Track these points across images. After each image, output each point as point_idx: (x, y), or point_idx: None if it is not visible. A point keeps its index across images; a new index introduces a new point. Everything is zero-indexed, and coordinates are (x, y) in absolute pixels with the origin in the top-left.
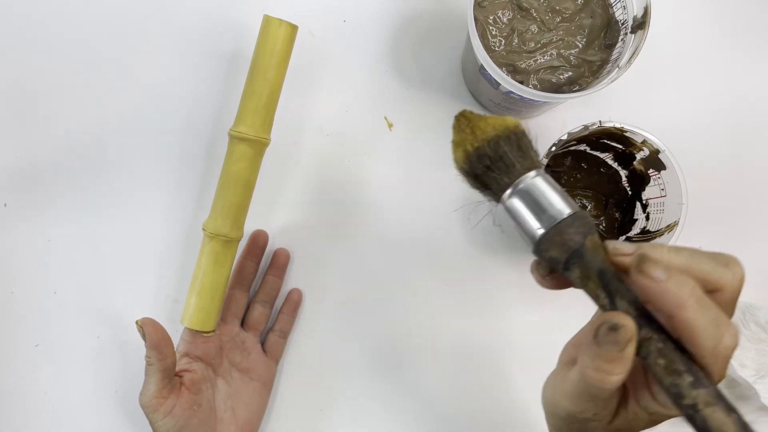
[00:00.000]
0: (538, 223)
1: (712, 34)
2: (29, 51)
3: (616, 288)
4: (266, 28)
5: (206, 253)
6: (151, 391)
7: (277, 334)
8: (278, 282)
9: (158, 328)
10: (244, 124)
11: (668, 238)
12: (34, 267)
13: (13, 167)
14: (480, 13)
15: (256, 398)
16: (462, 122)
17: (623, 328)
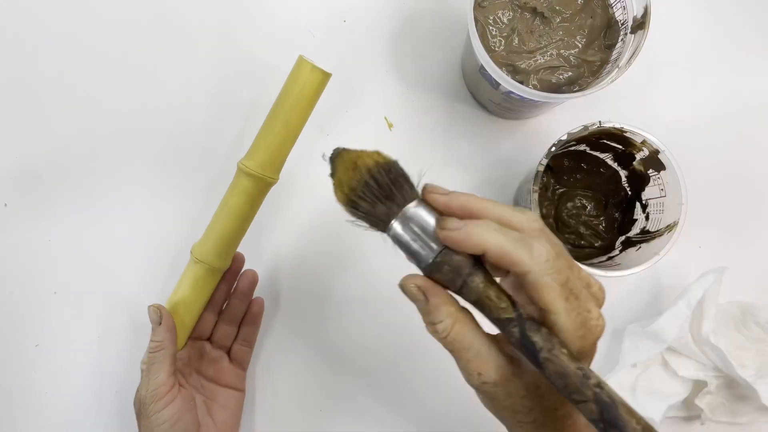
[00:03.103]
0: (428, 250)
1: (712, 34)
2: (30, 52)
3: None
4: (298, 69)
5: (188, 276)
6: (160, 379)
7: (241, 343)
8: (242, 306)
9: (169, 313)
10: (254, 160)
11: (668, 238)
12: (34, 267)
13: (13, 167)
14: (480, 14)
15: (231, 401)
16: (343, 158)
17: (405, 286)
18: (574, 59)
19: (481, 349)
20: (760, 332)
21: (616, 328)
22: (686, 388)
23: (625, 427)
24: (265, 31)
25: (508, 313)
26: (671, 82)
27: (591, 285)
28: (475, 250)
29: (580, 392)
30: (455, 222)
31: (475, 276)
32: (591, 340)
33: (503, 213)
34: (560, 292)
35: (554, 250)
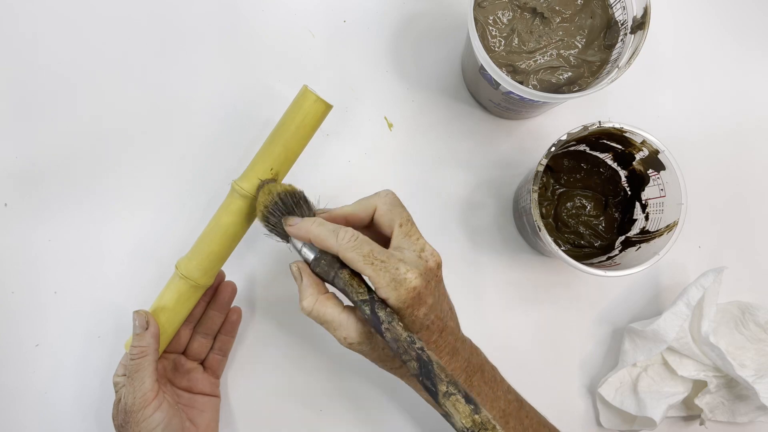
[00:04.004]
0: (313, 252)
1: (712, 34)
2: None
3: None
4: (301, 99)
5: (172, 289)
6: (147, 384)
7: (217, 352)
8: (220, 317)
9: (155, 319)
10: (249, 182)
11: (668, 238)
12: (34, 267)
13: (13, 167)
14: (480, 14)
15: (208, 406)
16: (263, 188)
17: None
18: (574, 59)
19: (341, 318)
20: (759, 332)
21: (616, 328)
22: (686, 387)
23: (435, 378)
24: (265, 31)
25: (364, 295)
26: (671, 82)
27: (423, 250)
28: (304, 238)
29: (407, 353)
30: (293, 219)
31: (343, 270)
32: (405, 289)
33: (346, 210)
34: (364, 261)
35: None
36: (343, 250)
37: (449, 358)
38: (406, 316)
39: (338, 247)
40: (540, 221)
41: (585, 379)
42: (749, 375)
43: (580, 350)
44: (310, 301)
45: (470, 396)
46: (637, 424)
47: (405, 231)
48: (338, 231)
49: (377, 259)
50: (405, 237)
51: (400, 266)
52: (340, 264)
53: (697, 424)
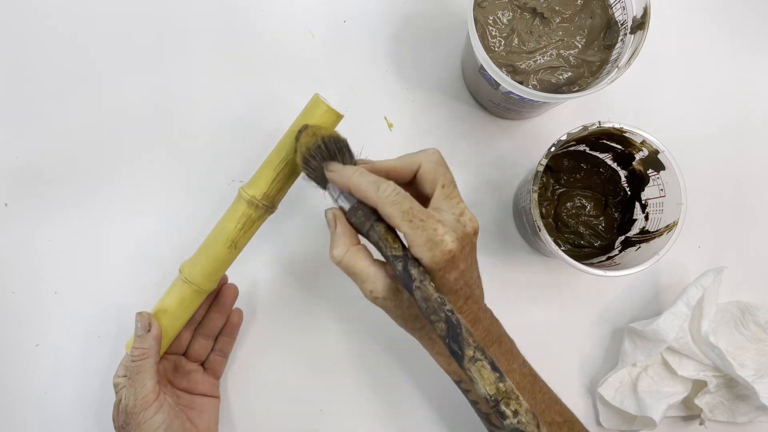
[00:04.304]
0: (350, 201)
1: (712, 34)
2: (30, 51)
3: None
4: (313, 107)
5: (175, 293)
6: (148, 386)
7: (217, 353)
8: (222, 319)
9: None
10: (257, 189)
11: (667, 238)
12: (34, 267)
13: (13, 167)
14: (480, 14)
15: (208, 407)
16: (308, 130)
17: (326, 212)
18: (574, 59)
19: (370, 271)
20: (759, 332)
21: (616, 328)
22: (686, 387)
23: (463, 342)
24: (265, 32)
25: (398, 251)
26: (671, 82)
27: (463, 214)
28: (344, 186)
29: (436, 313)
30: (335, 165)
31: (379, 223)
32: (440, 251)
33: (389, 164)
34: (402, 217)
35: (397, 190)
36: (382, 204)
37: (471, 325)
38: (437, 278)
39: (378, 199)
40: (540, 221)
41: (585, 379)
42: (749, 375)
43: (580, 350)
44: (341, 250)
45: (496, 364)
46: (636, 424)
47: (447, 192)
48: (380, 183)
49: (416, 217)
50: (446, 199)
51: (438, 227)
52: (377, 217)
53: (697, 424)
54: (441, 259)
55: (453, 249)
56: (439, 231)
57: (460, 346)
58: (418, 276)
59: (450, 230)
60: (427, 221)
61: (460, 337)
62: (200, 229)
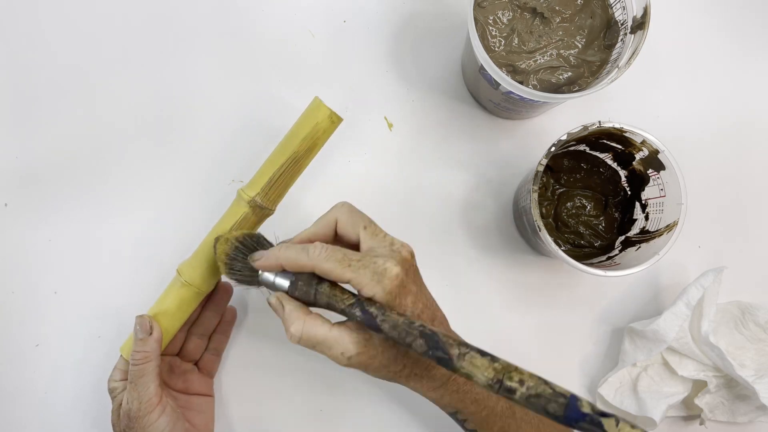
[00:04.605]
0: (286, 280)
1: (712, 34)
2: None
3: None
4: (314, 110)
5: (173, 295)
6: (151, 390)
7: (211, 352)
8: (216, 318)
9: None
10: (256, 190)
11: (667, 238)
12: (34, 267)
13: (13, 167)
14: (480, 14)
15: (204, 406)
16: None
17: (269, 299)
18: (574, 59)
19: (333, 334)
20: (759, 332)
21: (616, 328)
22: (686, 387)
23: (445, 345)
24: (265, 31)
25: (351, 299)
26: (671, 82)
27: (393, 244)
28: (276, 266)
29: (409, 334)
30: (258, 253)
31: (323, 283)
32: (388, 279)
33: (308, 232)
34: (341, 266)
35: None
36: (318, 263)
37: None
38: (396, 307)
39: (312, 261)
40: (540, 221)
41: (585, 379)
42: (749, 375)
43: (580, 350)
44: (297, 326)
45: (483, 350)
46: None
47: (371, 232)
48: (308, 247)
49: (353, 260)
50: (372, 237)
51: (377, 260)
52: (318, 279)
53: (697, 424)
54: (392, 287)
55: (398, 273)
56: (379, 263)
57: (444, 350)
58: (379, 311)
59: (388, 258)
60: (365, 259)
61: (440, 342)
62: (200, 230)
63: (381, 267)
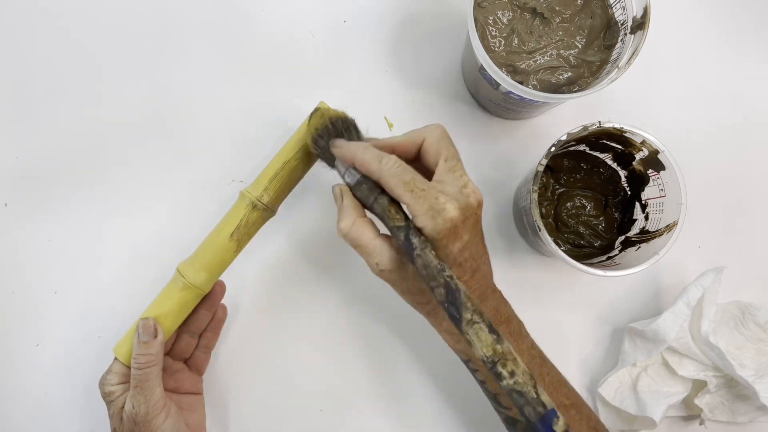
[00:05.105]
0: (355, 176)
1: (712, 34)
2: (31, 52)
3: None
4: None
5: (174, 297)
6: (157, 393)
7: (201, 350)
8: (208, 315)
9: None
10: (260, 190)
11: (668, 238)
12: (34, 267)
13: (13, 167)
14: (480, 14)
15: (195, 404)
16: (317, 111)
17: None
18: (574, 59)
19: (376, 244)
20: (759, 332)
21: (616, 327)
22: (686, 387)
23: (461, 305)
24: (265, 32)
25: (401, 222)
26: (671, 83)
27: (466, 186)
28: (348, 161)
29: (435, 279)
30: (340, 141)
31: (383, 196)
32: (442, 219)
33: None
34: (404, 188)
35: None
36: (385, 176)
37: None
38: (441, 248)
39: (380, 172)
40: (540, 221)
41: (585, 379)
42: (749, 375)
43: (580, 350)
44: (347, 223)
45: (494, 327)
46: (637, 424)
47: (450, 166)
48: (382, 156)
49: (417, 187)
50: (449, 171)
51: (439, 196)
52: (381, 190)
53: (697, 424)
54: (443, 228)
55: (455, 217)
56: (440, 200)
57: (458, 310)
58: (419, 244)
59: (452, 199)
60: (429, 191)
61: (459, 301)
62: (200, 230)
63: (441, 204)
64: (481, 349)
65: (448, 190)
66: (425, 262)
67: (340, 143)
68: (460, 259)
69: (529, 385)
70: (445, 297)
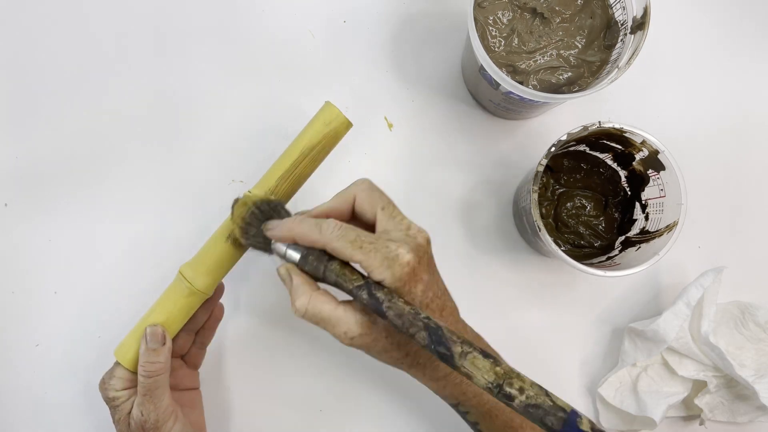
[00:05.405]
0: (298, 252)
1: (712, 34)
2: (30, 52)
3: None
4: (324, 113)
5: (181, 305)
6: (166, 400)
7: (197, 346)
8: (207, 314)
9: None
10: (263, 192)
11: (667, 238)
12: (34, 267)
13: (13, 167)
14: (480, 14)
15: (194, 400)
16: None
17: (278, 270)
18: (574, 59)
19: (339, 313)
20: (759, 332)
21: (616, 327)
22: (686, 387)
23: (448, 341)
24: (265, 32)
25: (359, 280)
26: (671, 83)
27: (410, 228)
28: (287, 238)
29: (413, 325)
30: (273, 223)
31: (332, 262)
32: (399, 265)
33: (325, 207)
34: (352, 247)
35: (339, 224)
36: (329, 241)
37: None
38: (404, 294)
39: (323, 239)
40: (540, 221)
41: (585, 379)
42: (749, 375)
43: (580, 350)
44: (303, 300)
45: (487, 351)
46: (637, 424)
47: (388, 213)
48: (321, 224)
49: (366, 242)
50: (389, 219)
51: (389, 245)
52: (329, 257)
53: (697, 424)
54: (402, 273)
55: (411, 260)
56: (391, 247)
57: (446, 346)
58: (386, 296)
59: (402, 244)
60: (378, 242)
61: (444, 337)
62: (200, 230)
63: (393, 252)
64: (482, 376)
65: (395, 236)
66: (397, 311)
67: (272, 224)
68: (425, 300)
69: (542, 395)
70: (429, 339)
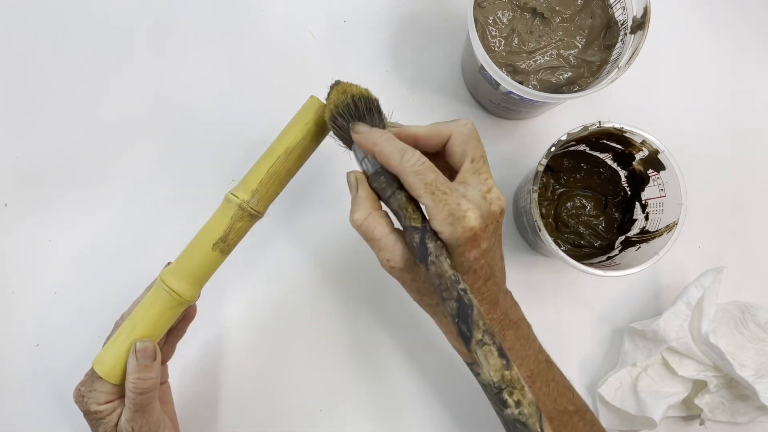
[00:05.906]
0: (375, 165)
1: (712, 35)
2: (30, 52)
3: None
4: (309, 107)
5: (168, 317)
6: (157, 415)
7: (168, 343)
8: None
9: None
10: (246, 192)
11: (667, 238)
12: (34, 267)
13: (13, 167)
14: (480, 14)
15: (166, 395)
16: (339, 86)
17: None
18: (574, 59)
19: (389, 240)
20: (759, 332)
21: (616, 328)
22: (686, 387)
23: (472, 323)
24: (265, 32)
25: (417, 222)
26: (671, 83)
27: (490, 192)
28: (369, 150)
29: (448, 291)
30: (362, 127)
31: (401, 191)
32: (462, 227)
33: (418, 131)
34: (425, 189)
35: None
36: (405, 173)
37: (488, 307)
38: (456, 255)
39: (401, 168)
40: (540, 221)
41: (585, 379)
42: (749, 375)
43: (580, 350)
44: (361, 215)
45: (504, 351)
46: (637, 424)
47: (476, 167)
48: (405, 151)
49: (439, 190)
50: (474, 173)
51: (461, 202)
52: (399, 185)
53: (697, 424)
54: (462, 236)
55: (475, 227)
56: (462, 206)
57: (468, 327)
58: (435, 251)
59: (474, 206)
60: (451, 195)
61: (470, 318)
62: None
63: (461, 212)
64: (489, 372)
65: (471, 194)
66: (439, 271)
67: (361, 129)
68: (475, 266)
69: (535, 418)
70: (456, 312)
